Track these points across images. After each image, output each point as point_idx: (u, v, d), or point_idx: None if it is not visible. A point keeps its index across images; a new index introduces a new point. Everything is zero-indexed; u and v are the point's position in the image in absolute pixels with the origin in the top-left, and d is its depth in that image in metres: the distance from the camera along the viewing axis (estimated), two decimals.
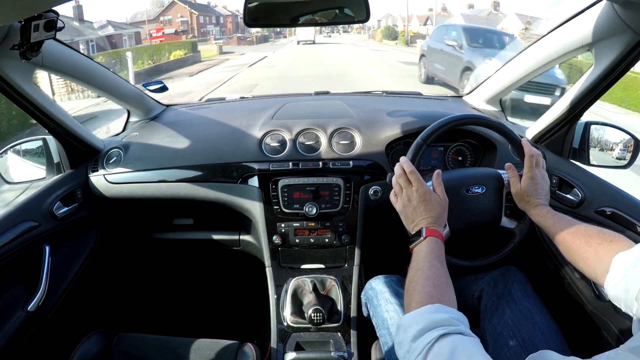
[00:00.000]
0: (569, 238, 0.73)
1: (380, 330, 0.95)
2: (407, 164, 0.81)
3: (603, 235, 0.69)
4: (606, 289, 0.63)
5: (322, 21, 0.96)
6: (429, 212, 0.76)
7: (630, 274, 0.58)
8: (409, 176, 0.79)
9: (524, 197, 0.85)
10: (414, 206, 0.77)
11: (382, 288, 0.99)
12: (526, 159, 0.86)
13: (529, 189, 0.84)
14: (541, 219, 0.81)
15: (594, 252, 0.67)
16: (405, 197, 0.79)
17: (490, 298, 0.96)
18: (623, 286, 0.58)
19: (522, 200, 0.86)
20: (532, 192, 0.84)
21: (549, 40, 1.03)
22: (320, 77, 10.28)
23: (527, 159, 0.85)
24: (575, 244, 0.71)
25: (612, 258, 0.63)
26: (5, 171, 1.11)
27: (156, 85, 1.49)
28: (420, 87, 8.13)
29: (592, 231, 0.71)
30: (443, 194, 0.80)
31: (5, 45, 0.79)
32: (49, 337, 1.04)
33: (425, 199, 0.77)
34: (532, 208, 0.84)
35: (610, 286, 0.62)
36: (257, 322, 1.55)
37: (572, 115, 1.04)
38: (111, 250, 1.33)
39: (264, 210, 1.15)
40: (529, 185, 0.84)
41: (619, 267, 0.61)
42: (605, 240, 0.67)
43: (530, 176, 0.85)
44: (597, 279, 0.66)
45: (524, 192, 0.85)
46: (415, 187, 0.78)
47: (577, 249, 0.71)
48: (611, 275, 0.62)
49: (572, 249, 0.72)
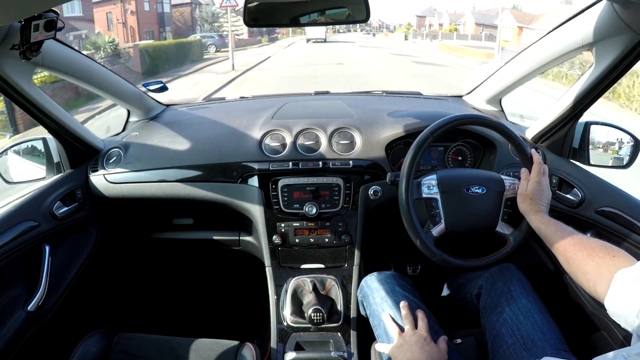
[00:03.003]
0: (570, 249, 0.73)
1: (377, 330, 0.95)
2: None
3: (605, 249, 0.68)
4: (606, 305, 0.62)
5: (322, 21, 0.96)
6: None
7: (632, 291, 0.58)
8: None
9: (527, 200, 0.86)
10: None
11: (378, 285, 0.99)
12: (535, 164, 0.87)
13: (534, 193, 0.85)
14: (542, 225, 0.81)
15: (595, 266, 0.67)
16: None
17: (490, 296, 0.96)
18: (624, 303, 0.58)
19: (525, 203, 0.86)
20: (537, 196, 0.85)
21: (549, 40, 1.02)
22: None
23: (537, 165, 0.87)
24: (577, 256, 0.71)
25: (614, 274, 0.62)
26: (5, 171, 1.10)
27: (156, 85, 1.49)
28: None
29: (595, 244, 0.70)
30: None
31: (5, 45, 0.79)
32: (49, 337, 1.04)
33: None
34: (534, 213, 0.84)
35: (611, 302, 0.61)
36: (257, 322, 1.55)
37: (572, 115, 1.04)
38: (111, 250, 1.33)
39: (264, 210, 1.15)
40: (535, 189, 0.85)
41: (620, 283, 0.61)
42: (608, 255, 0.67)
43: (537, 181, 0.86)
44: (597, 294, 0.66)
45: (530, 195, 0.86)
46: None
47: (578, 261, 0.70)
48: (612, 291, 0.61)
49: (572, 261, 0.72)
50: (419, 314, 0.88)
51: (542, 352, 0.80)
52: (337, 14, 0.96)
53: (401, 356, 0.81)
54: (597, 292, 0.66)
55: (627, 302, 0.58)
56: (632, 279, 0.59)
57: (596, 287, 0.65)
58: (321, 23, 0.96)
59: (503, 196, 0.92)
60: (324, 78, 10.58)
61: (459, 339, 0.98)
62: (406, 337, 0.84)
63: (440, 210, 0.92)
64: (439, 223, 0.92)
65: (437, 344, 0.83)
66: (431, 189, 0.93)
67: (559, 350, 0.81)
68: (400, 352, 0.82)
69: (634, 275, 0.60)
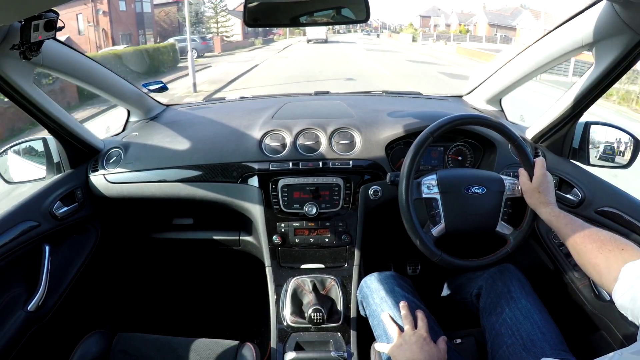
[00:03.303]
0: (581, 241, 0.73)
1: (377, 330, 0.95)
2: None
3: (615, 242, 0.69)
4: (614, 298, 0.63)
5: (322, 21, 0.96)
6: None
7: (638, 284, 0.58)
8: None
9: (536, 194, 0.86)
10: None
11: (377, 286, 0.99)
12: (538, 160, 0.88)
13: (541, 186, 0.86)
14: (553, 218, 0.81)
15: (604, 259, 0.67)
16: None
17: (489, 296, 0.96)
18: (630, 296, 0.59)
19: (533, 197, 0.87)
20: (545, 188, 0.86)
21: (549, 40, 1.02)
22: None
23: (540, 160, 0.88)
24: (587, 248, 0.71)
25: (622, 267, 0.63)
26: (5, 171, 1.11)
27: (156, 85, 1.49)
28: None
29: (605, 237, 0.71)
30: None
31: (5, 45, 0.80)
32: (49, 337, 1.04)
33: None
34: (544, 206, 0.84)
35: (619, 295, 0.62)
36: (257, 322, 1.55)
37: (572, 115, 1.04)
38: (111, 250, 1.33)
39: (264, 210, 1.15)
40: (541, 182, 0.86)
41: (628, 276, 0.61)
42: (617, 248, 0.67)
43: (543, 174, 0.87)
44: (606, 286, 0.66)
45: (537, 188, 0.86)
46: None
47: (588, 253, 0.71)
48: (620, 284, 0.62)
49: (583, 253, 0.72)
50: (418, 314, 0.88)
51: (542, 352, 0.80)
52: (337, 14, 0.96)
53: (400, 356, 0.81)
54: (606, 285, 0.66)
55: (633, 295, 0.58)
56: (639, 272, 0.60)
57: (606, 280, 0.66)
58: (321, 23, 0.96)
59: (503, 196, 0.92)
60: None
61: (459, 339, 0.98)
62: (406, 337, 0.84)
63: (440, 210, 0.92)
64: (439, 223, 0.92)
65: (437, 344, 0.83)
66: (431, 189, 0.93)
67: (558, 351, 0.81)
68: (400, 352, 0.82)
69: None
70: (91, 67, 1.14)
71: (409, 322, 0.86)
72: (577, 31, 0.91)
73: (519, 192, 0.92)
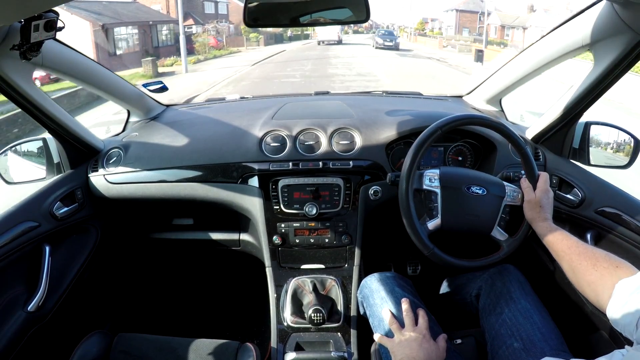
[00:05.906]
0: (576, 258, 0.74)
1: (377, 330, 0.95)
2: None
3: (609, 260, 0.70)
4: (608, 314, 0.64)
5: (321, 21, 0.96)
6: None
7: (632, 301, 0.59)
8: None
9: (537, 207, 0.87)
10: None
11: (378, 286, 0.99)
12: (543, 174, 0.90)
13: (542, 200, 0.87)
14: (549, 233, 0.82)
15: (599, 276, 0.68)
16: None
17: (489, 296, 0.96)
18: (624, 312, 0.59)
19: (533, 210, 0.88)
20: (545, 204, 0.87)
21: (549, 40, 1.02)
22: None
23: (544, 174, 0.90)
24: (582, 265, 0.72)
25: (615, 284, 0.63)
26: (5, 171, 1.11)
27: (156, 85, 1.49)
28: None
29: (599, 254, 0.72)
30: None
31: (5, 45, 0.79)
32: (49, 337, 1.04)
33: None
34: (542, 221, 0.85)
35: (612, 312, 0.62)
36: (257, 322, 1.55)
37: (572, 115, 1.04)
38: (111, 250, 1.33)
39: (264, 210, 1.15)
40: (543, 197, 0.88)
41: (621, 293, 0.62)
42: (612, 265, 0.68)
43: (546, 189, 0.88)
44: (600, 303, 0.67)
45: (538, 202, 0.88)
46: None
47: (583, 270, 0.72)
48: (613, 301, 0.63)
49: (577, 270, 0.73)
50: (419, 312, 0.88)
51: (542, 352, 0.80)
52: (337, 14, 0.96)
53: (400, 352, 0.82)
54: (600, 302, 0.67)
55: (627, 312, 0.59)
56: (632, 288, 0.61)
57: (599, 297, 0.67)
58: (321, 23, 0.96)
59: (503, 202, 0.92)
60: None
61: (459, 339, 0.98)
62: (406, 334, 0.84)
63: (438, 205, 0.92)
64: (436, 217, 0.92)
65: (437, 342, 0.83)
66: (432, 181, 0.94)
67: (558, 351, 0.81)
68: (399, 348, 0.82)
69: (634, 285, 0.61)
70: (91, 67, 1.14)
71: (410, 318, 0.87)
72: (577, 31, 0.91)
73: (520, 201, 0.92)
